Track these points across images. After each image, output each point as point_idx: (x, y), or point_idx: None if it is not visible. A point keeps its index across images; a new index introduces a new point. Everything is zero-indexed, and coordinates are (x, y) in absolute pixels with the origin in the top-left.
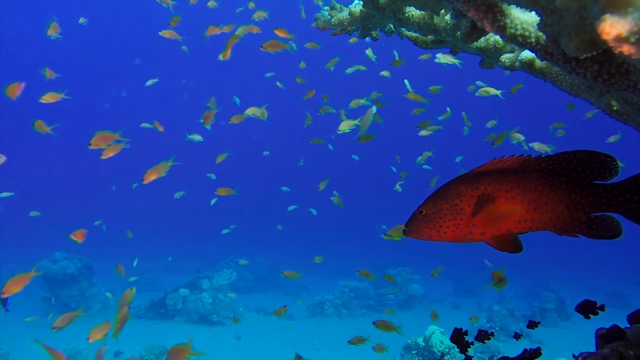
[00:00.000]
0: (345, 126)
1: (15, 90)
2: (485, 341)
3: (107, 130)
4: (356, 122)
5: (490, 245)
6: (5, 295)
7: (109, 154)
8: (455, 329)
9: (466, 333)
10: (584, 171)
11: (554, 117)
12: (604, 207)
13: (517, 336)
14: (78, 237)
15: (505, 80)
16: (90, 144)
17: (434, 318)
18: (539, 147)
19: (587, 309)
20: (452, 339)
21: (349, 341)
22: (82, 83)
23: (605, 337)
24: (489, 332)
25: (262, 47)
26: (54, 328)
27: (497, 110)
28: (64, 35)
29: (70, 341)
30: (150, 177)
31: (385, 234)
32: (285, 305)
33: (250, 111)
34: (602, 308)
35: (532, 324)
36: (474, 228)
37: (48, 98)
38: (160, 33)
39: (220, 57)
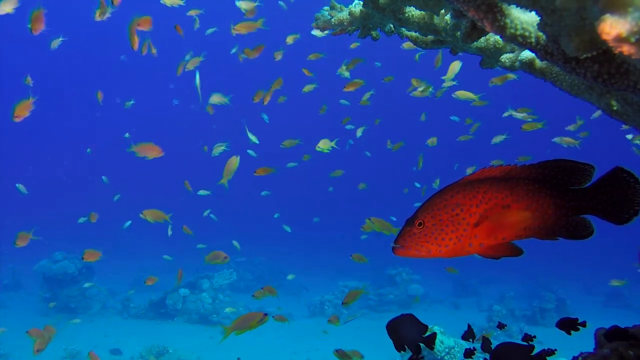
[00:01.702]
0: (325, 145)
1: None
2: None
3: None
4: (333, 144)
5: (486, 256)
6: None
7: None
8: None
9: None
10: (564, 178)
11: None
12: (582, 210)
13: (500, 326)
14: (21, 242)
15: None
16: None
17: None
18: (566, 141)
19: (568, 325)
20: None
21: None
22: (76, 82)
23: (607, 337)
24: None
25: (233, 29)
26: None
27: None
28: (53, 35)
29: (70, 341)
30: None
31: (363, 226)
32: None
33: (215, 99)
34: (583, 324)
35: (527, 338)
36: (475, 239)
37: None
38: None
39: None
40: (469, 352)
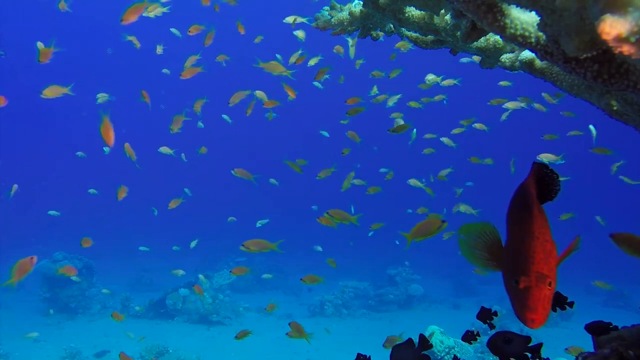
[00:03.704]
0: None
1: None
2: (472, 342)
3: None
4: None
5: None
6: None
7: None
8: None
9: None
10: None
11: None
12: None
13: (491, 326)
14: None
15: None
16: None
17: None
18: (548, 157)
19: (556, 302)
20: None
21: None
22: (68, 81)
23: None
24: (475, 331)
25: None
26: None
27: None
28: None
29: (70, 341)
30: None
31: (320, 219)
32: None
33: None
34: (570, 305)
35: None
36: None
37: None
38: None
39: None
40: None
